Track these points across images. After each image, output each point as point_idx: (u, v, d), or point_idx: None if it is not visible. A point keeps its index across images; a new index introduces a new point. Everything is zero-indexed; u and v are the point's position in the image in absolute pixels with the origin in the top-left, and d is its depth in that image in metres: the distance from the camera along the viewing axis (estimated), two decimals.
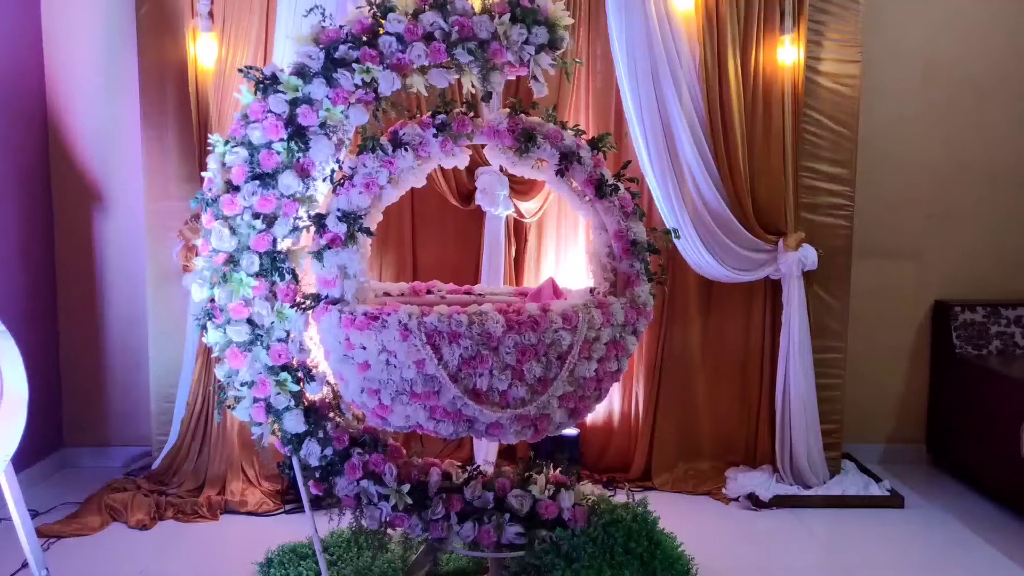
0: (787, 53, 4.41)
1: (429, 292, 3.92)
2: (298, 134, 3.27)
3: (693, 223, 4.51)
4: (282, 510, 4.51)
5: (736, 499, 4.48)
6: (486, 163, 4.39)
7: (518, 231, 4.66)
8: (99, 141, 4.96)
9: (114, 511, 4.41)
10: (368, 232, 3.35)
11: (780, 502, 4.40)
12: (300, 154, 3.32)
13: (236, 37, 4.49)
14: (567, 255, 4.73)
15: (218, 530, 4.27)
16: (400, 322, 3.15)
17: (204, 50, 4.52)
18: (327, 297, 3.28)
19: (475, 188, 4.38)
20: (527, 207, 4.60)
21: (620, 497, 4.16)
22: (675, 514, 4.14)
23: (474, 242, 4.63)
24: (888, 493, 4.61)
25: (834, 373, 4.64)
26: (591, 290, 3.56)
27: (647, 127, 4.33)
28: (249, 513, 4.47)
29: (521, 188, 4.64)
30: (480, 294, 3.92)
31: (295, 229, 3.37)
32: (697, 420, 4.74)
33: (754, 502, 4.52)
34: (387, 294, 3.85)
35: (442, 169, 4.41)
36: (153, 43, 4.55)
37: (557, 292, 3.78)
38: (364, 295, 3.43)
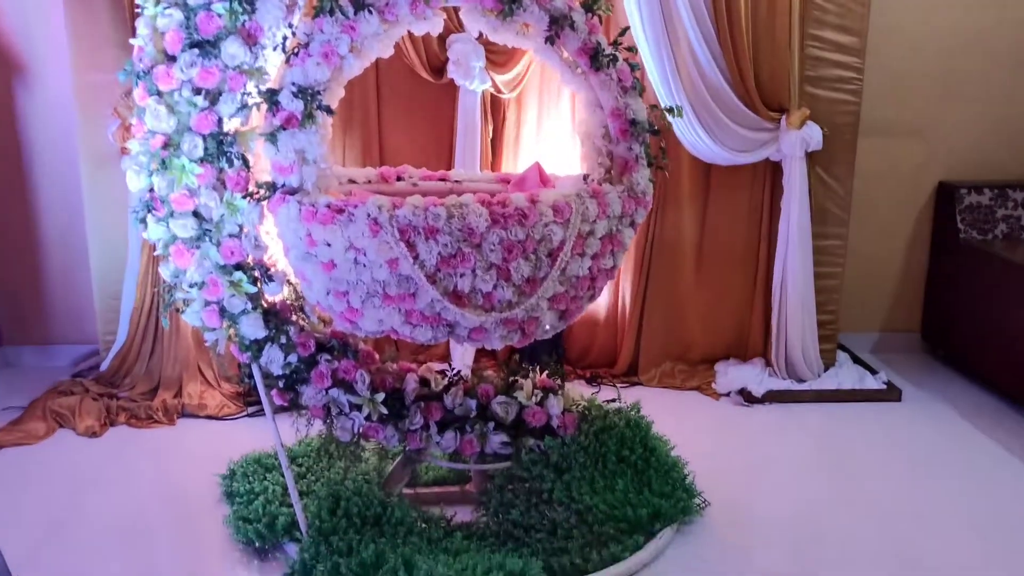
0: None
1: (400, 179, 3.50)
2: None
3: (689, 100, 4.10)
4: (245, 413, 4.20)
5: (727, 394, 4.27)
6: (460, 29, 3.90)
7: (495, 108, 4.27)
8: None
9: (60, 417, 4.07)
10: (328, 110, 2.90)
11: (773, 397, 4.20)
12: (245, 17, 2.83)
13: None
14: (550, 135, 4.33)
15: (175, 436, 3.97)
16: (369, 215, 2.77)
17: None
18: (284, 186, 2.87)
19: (447, 59, 3.89)
20: (505, 80, 4.14)
21: (605, 394, 3.90)
22: (663, 411, 3.91)
23: (446, 120, 4.25)
24: (884, 386, 4.42)
25: (833, 261, 4.39)
26: (584, 177, 3.16)
27: (649, 15, 3.89)
28: (209, 417, 4.15)
29: (498, 59, 4.16)
30: (457, 181, 3.51)
31: (243, 107, 2.92)
32: (687, 313, 4.49)
33: (746, 397, 4.31)
34: (352, 181, 3.42)
35: (411, 37, 3.90)
36: None
37: (544, 179, 3.39)
38: (326, 183, 3.02)
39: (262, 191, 2.95)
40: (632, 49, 3.16)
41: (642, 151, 3.11)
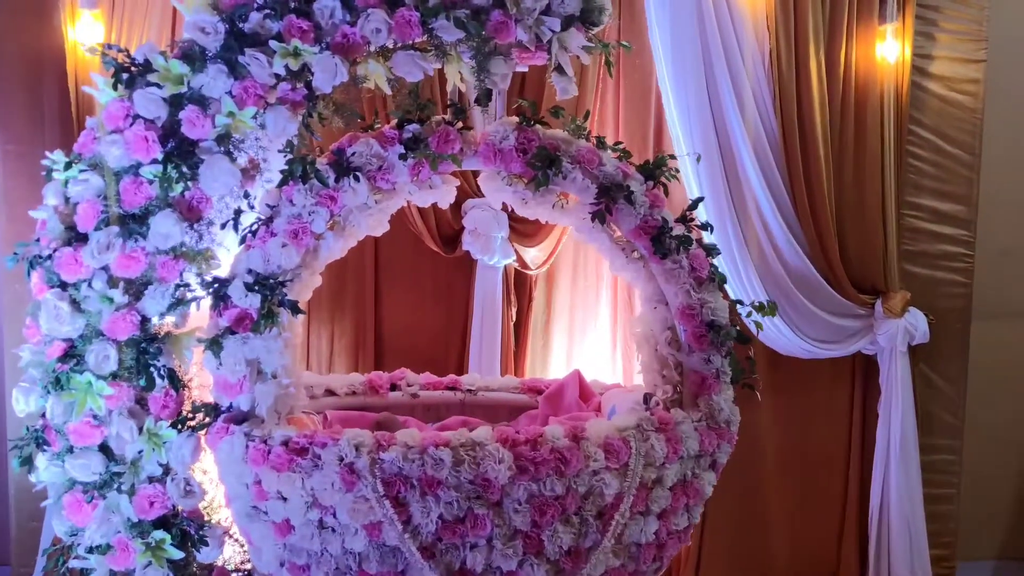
0: (888, 49, 3.40)
1: (394, 387, 2.67)
2: (182, 152, 2.06)
3: (760, 277, 3.34)
4: None
5: None
6: (478, 193, 3.17)
7: (520, 286, 3.55)
8: None
9: None
10: (294, 308, 2.10)
11: None
12: (185, 184, 2.08)
13: (132, 14, 3.24)
14: (589, 321, 3.56)
15: None
16: (342, 459, 1.99)
17: (87, 33, 3.25)
18: (229, 411, 2.04)
19: (463, 228, 3.31)
20: (533, 256, 3.36)
21: None
22: None
23: (460, 302, 3.56)
24: None
25: (946, 481, 3.58)
26: (645, 399, 2.30)
27: (697, 147, 3.21)
28: None
29: (525, 228, 3.42)
30: (470, 390, 2.68)
31: (178, 303, 2.12)
32: (759, 533, 3.69)
33: None
34: (330, 392, 2.58)
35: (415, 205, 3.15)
36: (11, 24, 3.26)
37: (586, 393, 2.55)
38: (288, 406, 2.19)
39: (198, 417, 2.13)
40: (707, 226, 2.36)
41: (725, 364, 2.26)
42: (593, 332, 3.60)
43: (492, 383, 2.73)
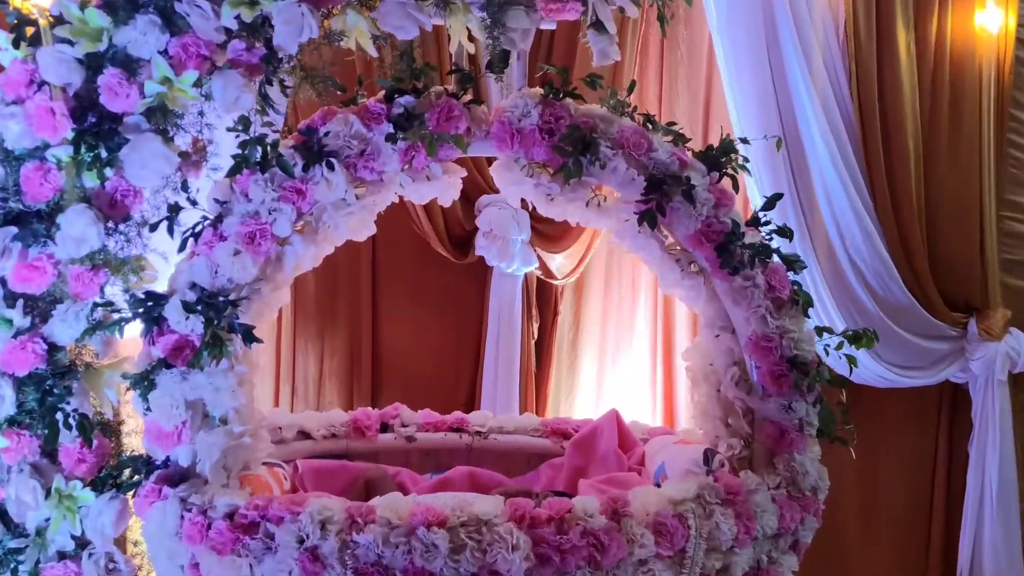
0: (989, 17, 2.92)
1: (385, 428, 2.15)
2: (102, 130, 1.54)
3: (831, 292, 2.80)
4: None
5: None
6: (493, 188, 2.67)
7: (543, 298, 3.10)
8: None
9: None
10: (248, 335, 1.59)
11: None
12: (105, 172, 1.57)
13: None
14: (622, 343, 3.14)
15: None
16: (302, 540, 1.44)
17: None
18: (163, 467, 1.53)
19: (476, 230, 2.90)
20: (559, 263, 2.85)
21: None
22: None
23: (472, 317, 3.10)
24: None
25: None
26: (705, 456, 1.77)
27: (756, 133, 2.69)
28: None
29: (549, 230, 2.92)
30: (480, 432, 2.15)
31: (97, 326, 1.61)
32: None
33: None
34: (304, 435, 2.07)
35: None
36: None
37: (626, 440, 2.04)
38: (243, 458, 1.68)
39: (125, 475, 1.64)
40: (786, 231, 1.82)
41: (811, 413, 1.73)
42: (628, 354, 3.10)
43: (507, 423, 2.21)
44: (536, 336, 3.07)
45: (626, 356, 3.11)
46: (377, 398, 3.01)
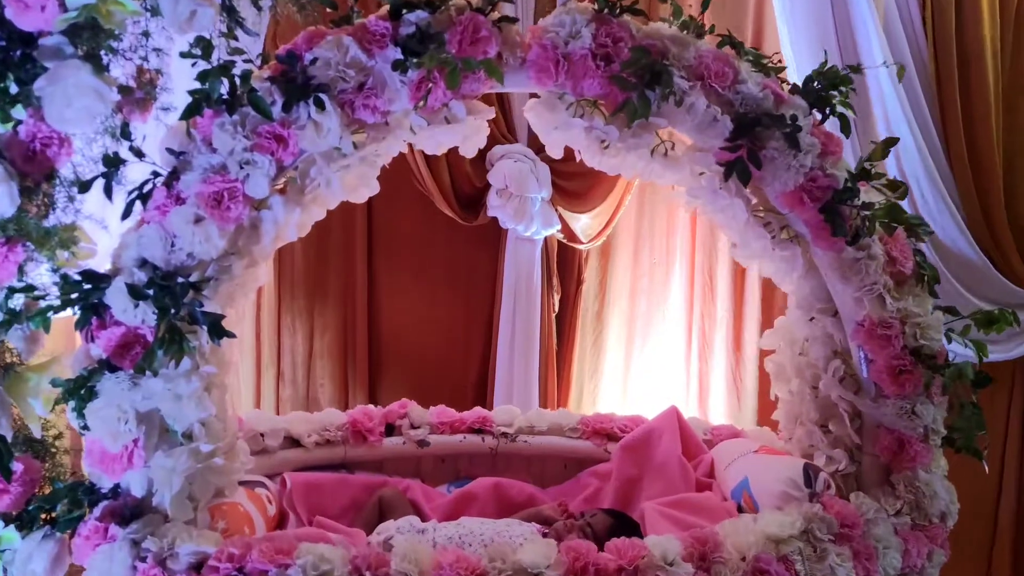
0: None
1: (392, 431, 1.76)
2: (8, 58, 1.12)
3: None
4: None
5: None
6: (509, 137, 2.28)
7: (565, 267, 2.71)
8: None
9: None
10: (216, 328, 1.19)
11: None
12: (17, 113, 1.16)
13: None
14: (654, 315, 2.76)
15: None
16: None
17: None
18: (109, 498, 1.22)
19: (487, 186, 2.53)
20: (584, 224, 2.47)
21: None
22: None
23: (484, 287, 2.72)
24: None
25: None
26: (806, 475, 1.39)
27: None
28: None
29: (573, 186, 2.52)
30: (506, 434, 1.77)
31: (15, 318, 1.20)
32: None
33: None
34: (293, 442, 1.69)
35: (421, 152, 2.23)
36: None
37: (690, 446, 1.66)
38: (213, 485, 1.29)
39: (61, 508, 1.25)
40: (897, 185, 1.43)
41: (938, 419, 1.35)
42: (660, 329, 2.71)
43: (538, 421, 1.82)
44: (557, 309, 2.68)
45: (657, 332, 2.73)
46: (376, 382, 2.63)
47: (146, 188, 1.30)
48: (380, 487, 1.65)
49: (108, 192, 1.26)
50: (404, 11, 1.33)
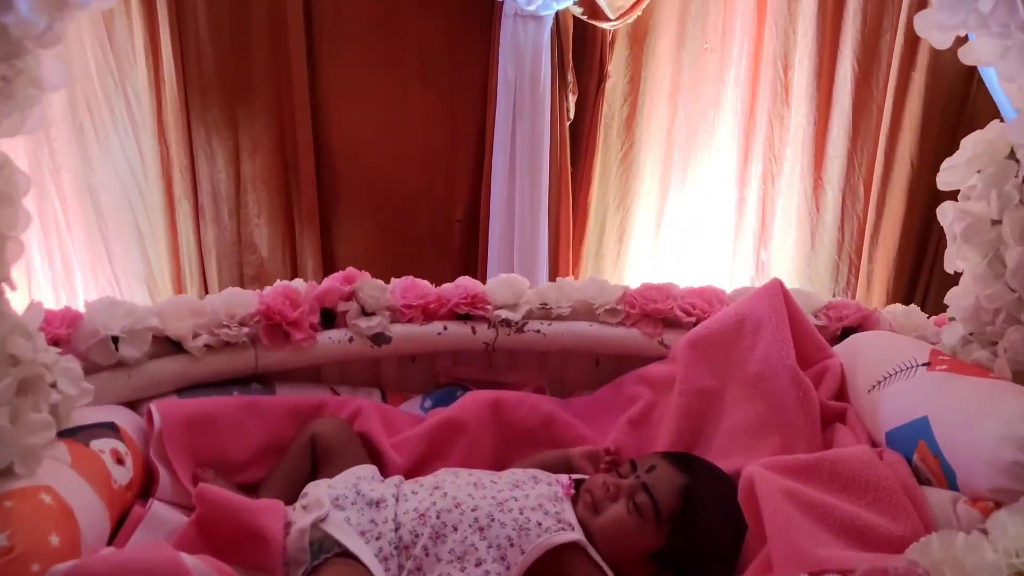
0: None
1: (332, 319, 1.13)
2: None
3: None
4: None
5: None
6: None
7: (583, 56, 2.00)
8: None
9: None
10: None
11: None
12: None
13: None
14: (703, 126, 2.07)
15: None
16: None
17: None
18: None
19: None
20: None
21: None
22: None
23: (473, 88, 2.01)
24: None
25: None
26: None
27: None
28: None
29: None
30: (507, 320, 1.14)
31: None
32: None
33: None
34: (169, 343, 1.04)
35: None
36: None
37: (806, 345, 1.02)
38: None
39: None
40: None
41: None
42: (709, 140, 2.01)
43: (557, 296, 1.19)
44: (572, 116, 1.97)
45: (705, 145, 2.04)
46: (330, 218, 1.97)
47: None
48: (313, 415, 1.04)
49: None
50: None
